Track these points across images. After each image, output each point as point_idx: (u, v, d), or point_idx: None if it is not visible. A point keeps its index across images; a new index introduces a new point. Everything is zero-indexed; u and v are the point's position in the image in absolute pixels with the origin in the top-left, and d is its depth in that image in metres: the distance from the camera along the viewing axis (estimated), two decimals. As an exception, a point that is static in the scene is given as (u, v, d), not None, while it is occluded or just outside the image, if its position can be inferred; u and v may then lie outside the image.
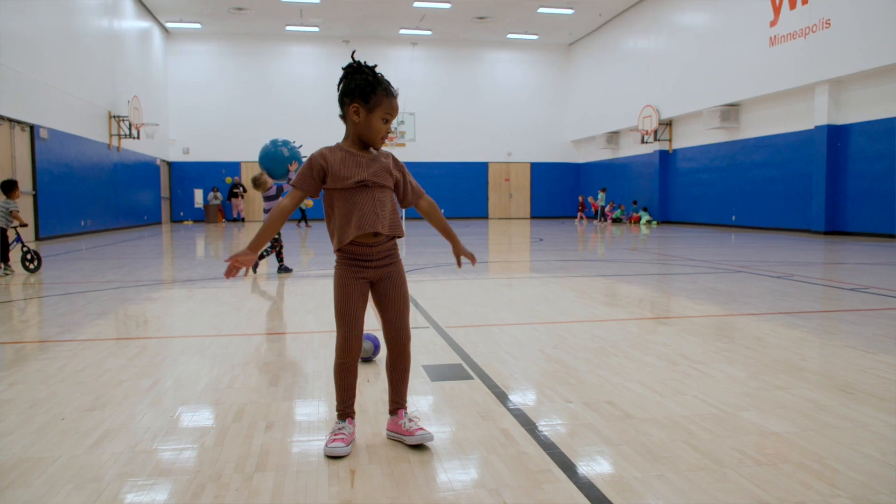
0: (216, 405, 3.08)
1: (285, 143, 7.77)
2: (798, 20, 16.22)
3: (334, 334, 4.67)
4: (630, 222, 24.35)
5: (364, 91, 2.48)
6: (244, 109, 27.89)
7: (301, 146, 8.02)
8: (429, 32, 27.81)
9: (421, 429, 2.57)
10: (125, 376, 3.58)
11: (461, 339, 4.47)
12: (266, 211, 8.64)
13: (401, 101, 27.82)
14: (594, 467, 2.34)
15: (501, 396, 3.18)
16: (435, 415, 2.93)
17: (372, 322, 5.12)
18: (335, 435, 2.52)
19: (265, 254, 8.54)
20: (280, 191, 8.38)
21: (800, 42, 16.19)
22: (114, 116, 20.13)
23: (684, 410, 2.95)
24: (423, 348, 4.20)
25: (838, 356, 4.00)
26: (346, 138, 2.59)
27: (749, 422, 2.79)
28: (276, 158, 7.62)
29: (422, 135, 28.27)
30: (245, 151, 28.03)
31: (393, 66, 28.98)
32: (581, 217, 27.57)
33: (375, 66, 2.59)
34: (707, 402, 3.05)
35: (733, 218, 19.85)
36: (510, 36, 28.53)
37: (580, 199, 28.29)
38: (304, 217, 24.27)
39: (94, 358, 4.00)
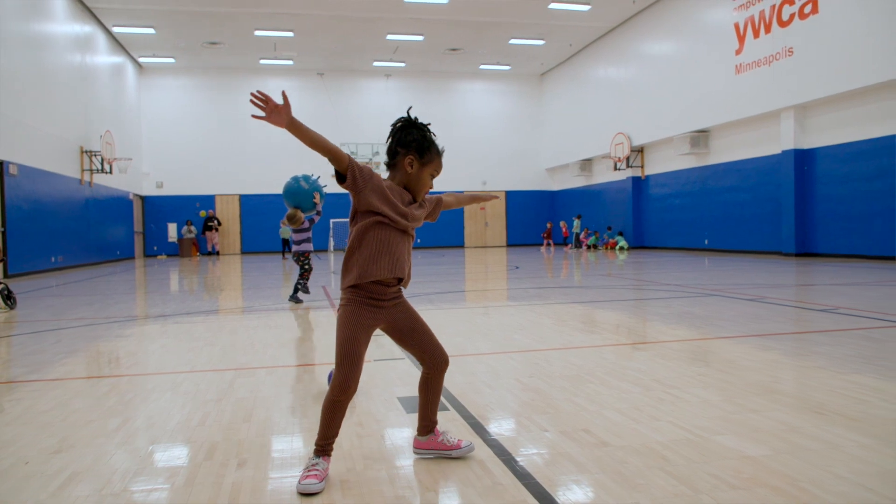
0: (187, 443, 3.02)
1: (305, 177, 8.28)
2: (762, 49, 16.65)
3: (310, 368, 4.64)
4: (606, 248, 24.55)
5: (421, 146, 2.64)
6: (218, 143, 27.85)
7: (319, 177, 8.63)
8: (402, 64, 28.10)
9: (461, 440, 2.74)
10: (93, 416, 3.50)
11: (437, 369, 4.44)
12: (297, 243, 9.00)
13: (374, 132, 28.15)
14: (570, 497, 2.32)
15: (477, 427, 3.15)
16: (410, 447, 2.90)
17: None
18: (309, 471, 2.48)
19: (301, 287, 8.86)
20: (312, 223, 8.77)
21: (764, 70, 16.60)
22: (86, 151, 19.96)
23: (660, 436, 2.95)
24: (399, 380, 4.17)
25: (810, 377, 4.04)
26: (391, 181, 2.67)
27: (724, 446, 2.80)
28: (299, 193, 8.13)
29: (397, 165, 28.39)
30: (219, 184, 27.93)
31: (367, 97, 29.20)
32: (548, 244, 27.66)
33: (429, 124, 2.77)
34: (682, 428, 3.06)
35: (706, 242, 20.11)
36: (483, 67, 28.91)
37: (548, 225, 28.42)
38: (289, 248, 24.29)
39: (61, 398, 3.91)
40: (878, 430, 2.94)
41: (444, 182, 29.84)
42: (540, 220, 30.91)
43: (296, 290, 8.85)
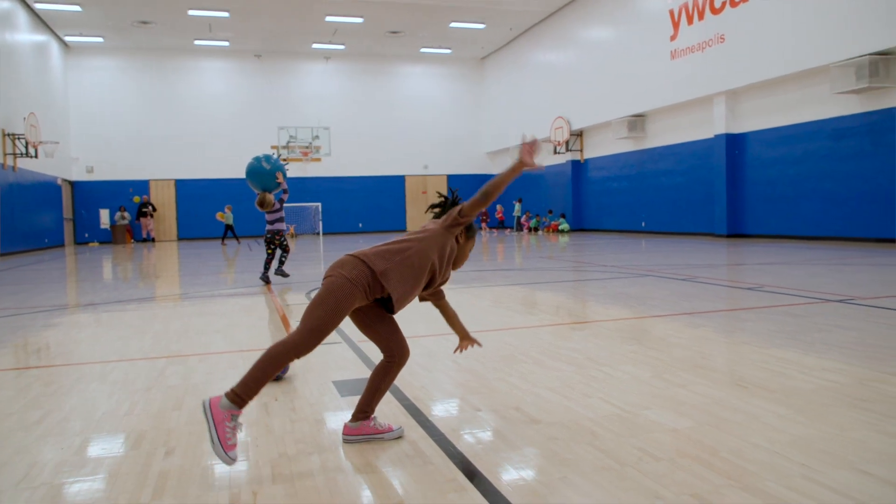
0: (113, 433, 2.94)
1: (266, 157, 8.37)
2: (695, 35, 17.04)
3: (244, 354, 4.56)
4: (548, 231, 24.86)
5: (471, 225, 2.88)
6: (152, 126, 26.96)
7: (279, 155, 8.61)
8: (342, 47, 27.70)
9: (391, 424, 2.81)
10: (13, 409, 3.37)
11: (373, 352, 4.43)
12: (270, 223, 9.09)
13: (315, 116, 27.74)
14: (500, 474, 2.36)
15: (411, 409, 3.16)
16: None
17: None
18: (230, 439, 2.34)
19: (277, 259, 9.18)
20: (282, 202, 8.94)
21: (698, 56, 17.00)
22: (8, 134, 19.05)
23: (590, 413, 3.01)
24: (334, 364, 4.14)
25: (735, 353, 4.19)
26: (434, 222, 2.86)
27: (651, 420, 2.88)
28: (262, 173, 8.21)
29: (337, 149, 28.04)
30: (154, 169, 27.09)
31: (306, 80, 28.71)
32: (483, 227, 27.89)
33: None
34: (612, 404, 3.13)
35: (643, 224, 20.58)
36: (423, 50, 28.75)
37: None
38: (233, 234, 23.90)
39: (-21, 391, 3.75)
40: (793, 401, 3.07)
41: (386, 166, 29.70)
42: (482, 204, 30.99)
43: (281, 263, 9.19)
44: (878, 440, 2.55)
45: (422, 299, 2.97)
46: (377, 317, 2.75)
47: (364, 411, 2.74)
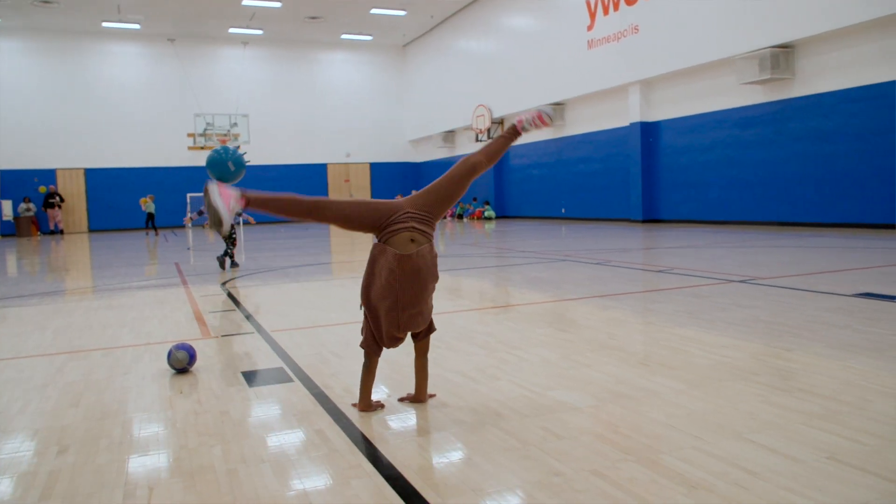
0: (2, 433, 2.79)
1: (235, 161, 7.88)
2: (611, 25, 17.44)
3: (150, 347, 4.41)
4: (473, 218, 25.04)
5: None
6: (58, 113, 25.60)
7: (245, 153, 8.40)
8: (260, 32, 27.00)
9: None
10: None
11: (286, 342, 4.36)
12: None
13: (233, 103, 26.98)
14: (404, 458, 2.36)
15: (320, 396, 3.13)
16: (249, 422, 2.83)
17: (189, 332, 4.90)
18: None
19: (228, 254, 9.33)
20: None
21: (613, 45, 17.42)
22: None
23: (498, 395, 3.05)
24: (245, 355, 4.06)
25: (641, 332, 4.33)
26: None
27: (556, 400, 2.95)
28: (223, 172, 7.78)
29: (257, 137, 27.31)
30: (61, 158, 25.77)
31: (224, 66, 27.89)
32: None
33: None
34: (520, 385, 3.19)
35: (563, 210, 21.00)
36: (344, 36, 28.35)
37: (398, 198, 28.48)
38: (153, 224, 23.05)
39: None
40: (691, 377, 3.20)
41: (308, 154, 29.23)
42: (405, 192, 30.93)
43: (228, 255, 9.32)
44: (764, 410, 2.69)
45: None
46: None
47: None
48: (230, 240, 9.44)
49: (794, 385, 3.02)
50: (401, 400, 3.01)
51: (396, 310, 2.70)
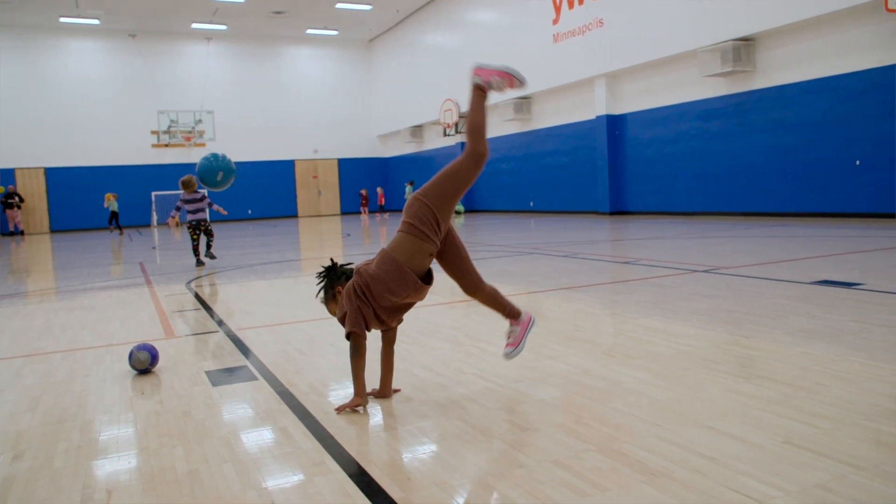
0: (-45, 440, 2.72)
1: (214, 156, 8.62)
2: (576, 19, 17.55)
3: (112, 348, 4.34)
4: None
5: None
6: (15, 111, 24.98)
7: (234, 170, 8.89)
8: (224, 27, 26.66)
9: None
10: None
11: (251, 340, 4.32)
12: (191, 213, 9.65)
13: (197, 99, 26.61)
14: (368, 454, 2.35)
15: (284, 394, 3.11)
16: (212, 421, 2.80)
17: (153, 332, 4.83)
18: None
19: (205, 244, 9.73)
20: (205, 199, 9.74)
21: (579, 39, 17.53)
22: None
23: (463, 389, 3.06)
24: (210, 354, 4.01)
25: (606, 323, 4.37)
26: None
27: (521, 392, 2.96)
28: (212, 182, 8.53)
29: (222, 134, 27.00)
30: (20, 157, 25.18)
31: (187, 62, 27.48)
32: (364, 212, 27.93)
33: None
34: (485, 379, 3.20)
35: (531, 204, 21.10)
36: (309, 31, 28.11)
37: (362, 193, 28.39)
38: (117, 223, 22.63)
39: None
40: (654, 366, 3.24)
41: (275, 150, 28.95)
42: (373, 188, 30.82)
43: (209, 247, 9.67)
44: (724, 398, 2.73)
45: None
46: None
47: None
48: (208, 232, 9.66)
49: (754, 372, 3.07)
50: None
51: (396, 313, 2.96)
